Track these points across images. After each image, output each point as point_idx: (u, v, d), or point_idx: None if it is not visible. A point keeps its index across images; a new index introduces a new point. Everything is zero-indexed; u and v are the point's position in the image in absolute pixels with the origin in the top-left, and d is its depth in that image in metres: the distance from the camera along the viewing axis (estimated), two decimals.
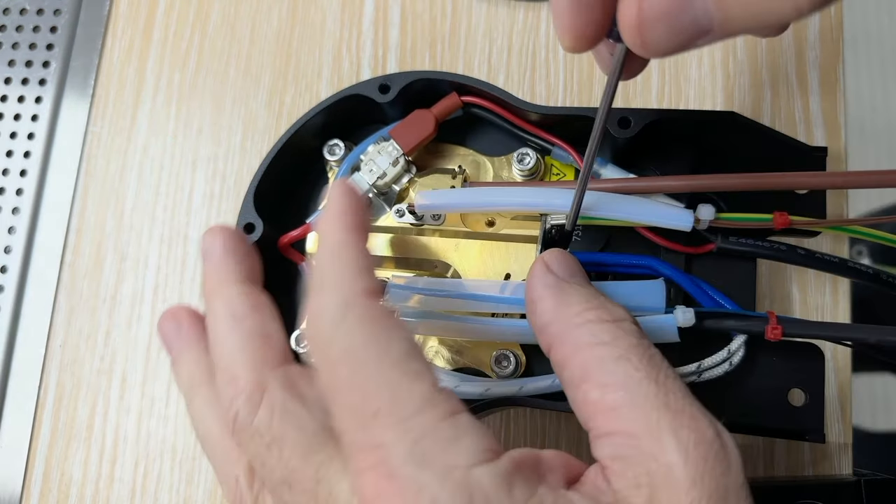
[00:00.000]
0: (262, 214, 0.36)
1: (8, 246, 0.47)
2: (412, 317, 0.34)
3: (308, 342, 0.26)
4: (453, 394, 0.24)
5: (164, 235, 0.45)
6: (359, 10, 0.47)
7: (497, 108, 0.37)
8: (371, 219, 0.33)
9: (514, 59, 0.46)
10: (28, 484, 0.42)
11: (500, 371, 0.35)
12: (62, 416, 0.43)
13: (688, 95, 0.44)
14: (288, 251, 0.37)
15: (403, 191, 0.37)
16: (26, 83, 0.49)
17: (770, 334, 0.31)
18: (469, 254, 0.35)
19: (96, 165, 0.47)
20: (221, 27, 0.48)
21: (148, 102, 0.48)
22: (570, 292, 0.27)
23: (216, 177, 0.46)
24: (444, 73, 0.36)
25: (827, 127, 0.42)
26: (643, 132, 0.34)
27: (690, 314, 0.32)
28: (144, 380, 0.43)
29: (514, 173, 0.37)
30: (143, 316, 0.44)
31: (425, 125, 0.36)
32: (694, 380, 0.32)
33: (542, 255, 0.30)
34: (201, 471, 0.42)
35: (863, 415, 1.08)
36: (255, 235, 0.36)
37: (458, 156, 0.38)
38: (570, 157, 0.36)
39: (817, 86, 0.43)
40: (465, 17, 0.47)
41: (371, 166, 0.36)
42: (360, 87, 0.37)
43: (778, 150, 0.35)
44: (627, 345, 0.25)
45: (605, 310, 0.27)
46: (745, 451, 0.39)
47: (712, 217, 0.33)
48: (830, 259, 0.34)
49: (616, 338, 0.26)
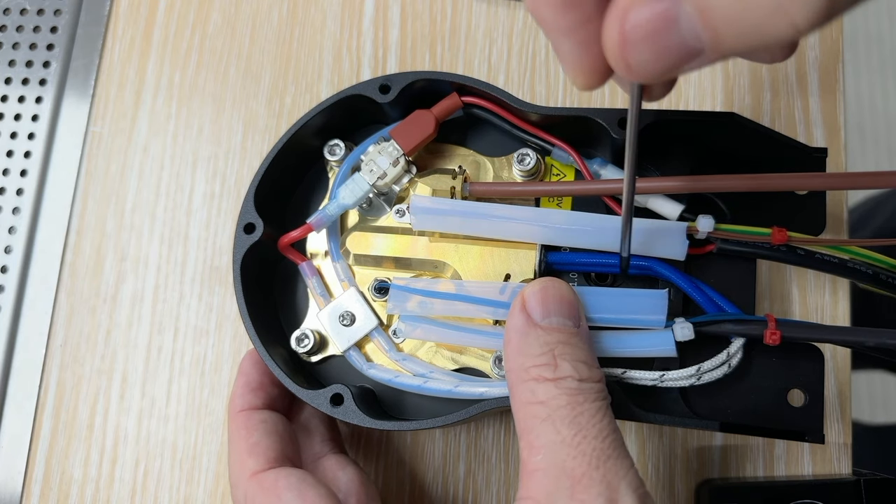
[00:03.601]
0: (263, 214, 0.36)
1: (8, 246, 0.47)
2: (412, 321, 0.34)
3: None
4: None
5: (165, 235, 0.45)
6: (359, 10, 0.47)
7: (497, 109, 0.37)
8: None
9: (514, 59, 0.46)
10: (28, 483, 0.42)
11: (500, 371, 0.35)
12: (62, 415, 0.43)
13: (688, 96, 0.44)
14: (288, 251, 0.38)
15: (404, 191, 0.37)
16: (27, 83, 0.49)
17: (769, 339, 0.31)
18: (469, 254, 0.35)
19: (97, 165, 0.47)
20: (222, 27, 0.48)
21: (148, 102, 0.48)
22: (530, 341, 0.28)
23: (216, 177, 0.46)
24: (444, 73, 0.36)
25: (826, 127, 0.42)
26: (643, 133, 0.34)
27: (689, 330, 0.32)
28: (145, 379, 0.43)
29: (514, 174, 0.37)
30: (144, 316, 0.44)
31: (426, 125, 0.36)
32: (693, 382, 0.32)
33: (525, 289, 0.30)
34: (201, 470, 0.42)
35: (862, 414, 1.08)
36: (255, 235, 0.36)
37: (459, 156, 0.38)
38: (570, 158, 0.36)
39: (817, 86, 0.43)
40: (465, 17, 0.47)
41: (371, 166, 0.36)
42: (360, 87, 0.37)
43: (778, 151, 0.35)
44: (556, 405, 0.27)
45: (550, 367, 0.27)
46: (744, 452, 0.40)
47: (711, 228, 0.33)
48: (830, 259, 0.34)
49: (551, 397, 0.27)
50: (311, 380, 0.37)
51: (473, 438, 0.40)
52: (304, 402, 0.34)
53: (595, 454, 0.26)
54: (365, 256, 0.37)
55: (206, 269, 0.44)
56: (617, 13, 0.20)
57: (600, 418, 0.26)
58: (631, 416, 0.32)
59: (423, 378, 0.34)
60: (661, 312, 0.32)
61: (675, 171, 0.37)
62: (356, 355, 0.36)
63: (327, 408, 0.33)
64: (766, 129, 0.34)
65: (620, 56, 0.20)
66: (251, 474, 0.32)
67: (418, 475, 0.40)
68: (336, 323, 0.36)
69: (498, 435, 0.40)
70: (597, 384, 0.28)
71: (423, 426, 0.33)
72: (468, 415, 0.32)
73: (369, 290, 0.37)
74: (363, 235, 0.37)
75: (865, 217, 0.79)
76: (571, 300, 0.30)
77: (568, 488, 0.25)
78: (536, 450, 0.26)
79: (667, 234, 0.33)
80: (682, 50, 0.20)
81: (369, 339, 0.37)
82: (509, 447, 0.40)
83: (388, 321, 0.37)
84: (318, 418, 0.38)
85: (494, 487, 0.40)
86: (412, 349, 0.36)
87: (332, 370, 0.38)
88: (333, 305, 0.37)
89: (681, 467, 0.40)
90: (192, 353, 0.43)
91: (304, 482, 0.31)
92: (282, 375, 0.34)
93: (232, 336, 0.43)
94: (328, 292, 0.37)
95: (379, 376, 0.35)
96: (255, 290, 0.36)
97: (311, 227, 0.36)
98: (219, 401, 0.42)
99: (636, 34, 0.20)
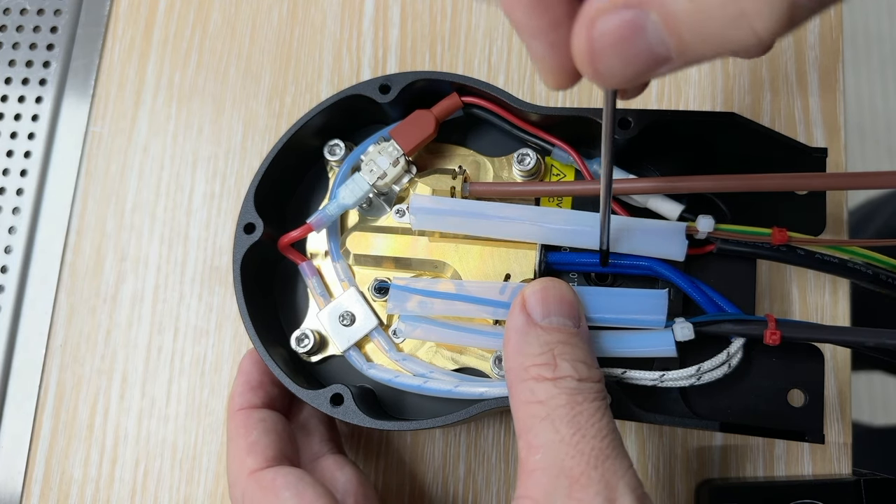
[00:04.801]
0: (263, 214, 0.36)
1: (8, 246, 0.47)
2: (412, 321, 0.34)
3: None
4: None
5: (165, 235, 0.45)
6: (359, 10, 0.47)
7: (497, 109, 0.37)
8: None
9: (514, 59, 0.46)
10: (28, 483, 0.42)
11: (500, 371, 0.35)
12: (62, 415, 0.43)
13: (688, 96, 0.44)
14: (288, 251, 0.38)
15: (404, 191, 0.37)
16: (27, 83, 0.49)
17: (769, 339, 0.31)
18: (469, 254, 0.35)
19: (97, 165, 0.47)
20: (222, 27, 0.48)
21: (148, 102, 0.48)
22: (530, 340, 0.28)
23: (216, 176, 0.46)
24: (444, 73, 0.36)
25: (826, 127, 0.42)
26: (643, 133, 0.34)
27: (689, 329, 0.32)
28: (145, 379, 0.43)
29: (514, 174, 0.37)
30: (144, 316, 0.44)
31: (426, 125, 0.36)
32: (693, 382, 0.32)
33: (525, 289, 0.30)
34: (201, 470, 0.42)
35: (862, 415, 1.08)
36: (255, 235, 0.36)
37: (459, 156, 0.38)
38: (570, 158, 0.36)
39: (817, 86, 0.43)
40: (465, 17, 0.47)
41: (371, 166, 0.36)
42: (360, 87, 0.37)
43: (777, 151, 0.35)
44: (556, 405, 0.27)
45: (550, 367, 0.27)
46: (744, 452, 0.40)
47: (711, 228, 0.33)
48: (830, 259, 0.34)
49: (550, 397, 0.27)
50: (311, 380, 0.37)
51: (473, 438, 0.40)
52: (304, 402, 0.34)
53: (594, 454, 0.26)
54: (365, 256, 0.37)
55: (206, 269, 0.44)
56: (585, 21, 0.20)
57: (599, 418, 0.27)
58: (631, 417, 0.32)
59: (423, 378, 0.34)
60: (661, 312, 0.32)
61: (676, 170, 0.37)
62: (356, 355, 0.36)
63: (327, 408, 0.33)
64: (765, 129, 0.34)
65: (589, 62, 0.20)
66: (249, 472, 0.32)
67: (418, 475, 0.40)
68: (336, 323, 0.36)
69: (498, 435, 0.40)
70: (596, 384, 0.28)
71: (424, 426, 0.33)
72: (468, 415, 0.32)
73: (369, 290, 0.37)
74: (363, 235, 0.37)
75: (866, 218, 0.79)
76: (572, 300, 0.30)
77: (566, 487, 0.25)
78: (535, 449, 0.26)
79: (666, 234, 0.33)
80: (649, 57, 0.20)
81: (369, 339, 0.37)
82: (509, 447, 0.40)
83: (388, 321, 0.37)
84: (318, 418, 0.38)
85: (494, 487, 0.40)
86: (412, 349, 0.36)
87: (332, 370, 0.38)
88: (333, 305, 0.37)
89: (681, 467, 0.40)
90: (192, 353, 0.43)
91: (302, 481, 0.31)
92: (282, 375, 0.34)
93: (232, 336, 0.43)
94: (328, 292, 0.37)
95: (379, 376, 0.35)
96: (255, 290, 0.36)
97: (311, 227, 0.36)
98: (219, 401, 0.42)
99: (604, 41, 0.20)
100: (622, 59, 0.20)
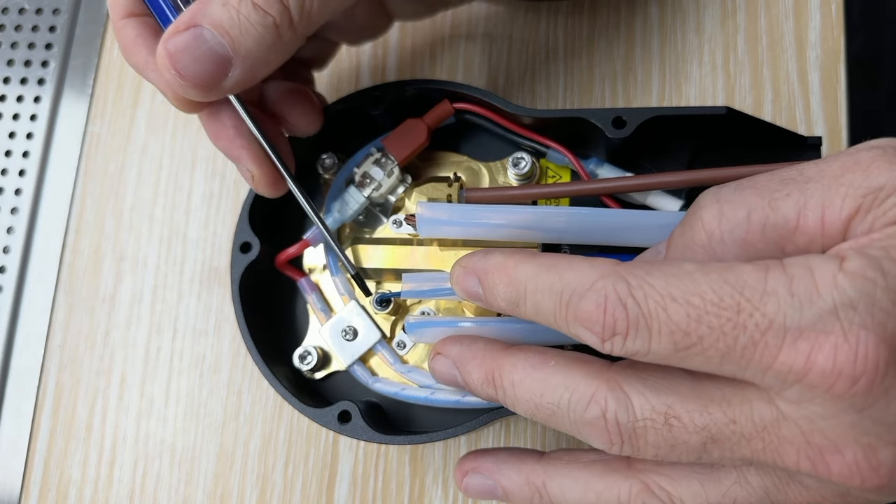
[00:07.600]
0: (258, 232, 0.36)
1: (7, 246, 0.47)
2: (419, 327, 0.32)
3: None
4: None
5: (164, 235, 0.45)
6: None
7: (489, 114, 0.36)
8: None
9: (514, 59, 0.45)
10: (27, 484, 0.42)
11: None
12: (61, 416, 0.43)
13: (688, 95, 0.44)
14: (286, 268, 0.37)
15: (399, 201, 0.37)
16: (25, 83, 0.49)
17: None
18: None
19: (95, 165, 0.47)
20: None
21: (147, 102, 0.47)
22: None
23: (215, 176, 0.46)
24: (432, 80, 0.36)
25: (828, 127, 0.42)
26: (639, 131, 0.34)
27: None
28: (143, 380, 0.43)
29: (509, 178, 0.37)
30: (143, 316, 0.44)
31: (417, 134, 0.36)
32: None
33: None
34: (200, 471, 0.42)
35: None
36: (252, 254, 0.36)
37: (453, 163, 0.38)
38: (566, 159, 0.36)
39: (818, 86, 0.43)
40: (464, 17, 0.46)
41: (365, 178, 0.36)
42: (350, 99, 0.37)
43: (774, 142, 0.35)
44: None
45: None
46: None
47: None
48: None
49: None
50: (315, 396, 0.37)
51: (474, 440, 0.40)
52: None
53: None
54: (363, 269, 0.37)
55: (204, 269, 0.44)
56: (163, 41, 0.28)
57: None
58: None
59: (429, 389, 0.34)
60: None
61: (673, 167, 0.37)
62: (361, 370, 0.36)
63: (335, 426, 0.33)
64: (760, 120, 0.34)
65: (170, 65, 0.27)
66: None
67: (418, 476, 0.40)
68: (339, 338, 0.36)
69: (498, 436, 0.40)
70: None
71: (434, 439, 0.33)
72: (479, 424, 0.32)
73: (370, 302, 0.36)
74: (361, 248, 0.37)
75: None
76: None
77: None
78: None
79: (665, 228, 0.33)
80: (214, 54, 0.27)
81: (373, 352, 0.36)
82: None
83: (391, 333, 0.36)
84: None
85: None
86: (418, 360, 0.36)
87: (337, 385, 0.37)
88: (335, 320, 0.36)
89: None
90: (191, 354, 0.43)
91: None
92: (287, 395, 0.34)
93: (231, 337, 0.43)
94: (329, 307, 0.37)
95: (385, 390, 0.35)
96: (256, 310, 0.36)
97: (308, 242, 0.36)
98: (218, 401, 0.42)
99: (176, 47, 0.27)
100: (193, 58, 0.27)
